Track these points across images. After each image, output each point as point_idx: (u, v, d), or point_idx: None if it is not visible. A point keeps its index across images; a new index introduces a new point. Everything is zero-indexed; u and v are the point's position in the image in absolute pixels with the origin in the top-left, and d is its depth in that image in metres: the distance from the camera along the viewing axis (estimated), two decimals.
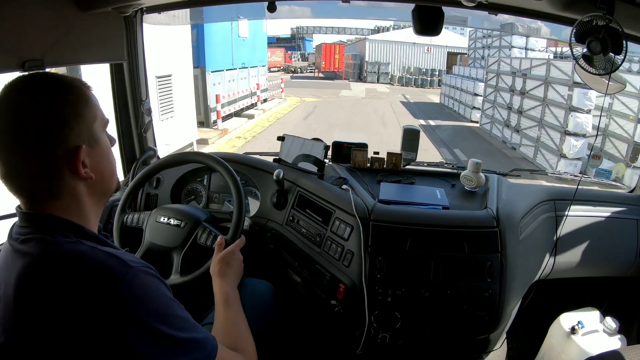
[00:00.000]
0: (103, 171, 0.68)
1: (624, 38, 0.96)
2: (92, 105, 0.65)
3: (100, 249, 0.60)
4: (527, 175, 1.68)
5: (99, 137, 0.67)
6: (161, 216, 1.14)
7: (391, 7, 1.47)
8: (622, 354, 0.93)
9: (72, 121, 0.62)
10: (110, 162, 0.70)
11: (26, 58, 0.97)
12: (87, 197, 0.66)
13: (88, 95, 0.66)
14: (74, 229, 0.62)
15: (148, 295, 0.59)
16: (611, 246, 1.42)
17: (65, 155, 0.61)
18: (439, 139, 9.05)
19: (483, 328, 1.15)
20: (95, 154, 0.66)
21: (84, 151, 0.63)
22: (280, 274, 1.32)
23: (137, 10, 1.41)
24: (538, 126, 7.87)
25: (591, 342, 1.36)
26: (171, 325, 0.59)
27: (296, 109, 12.88)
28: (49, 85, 0.62)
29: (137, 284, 0.58)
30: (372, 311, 1.12)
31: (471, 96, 11.91)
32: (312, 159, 1.38)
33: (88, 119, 0.64)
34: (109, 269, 0.58)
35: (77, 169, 0.62)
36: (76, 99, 0.63)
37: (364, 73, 26.54)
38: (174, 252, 1.10)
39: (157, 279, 0.62)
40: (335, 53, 28.31)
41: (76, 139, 0.62)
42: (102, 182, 0.68)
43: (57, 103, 0.61)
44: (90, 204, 0.67)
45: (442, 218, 1.17)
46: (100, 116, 0.67)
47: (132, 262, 0.60)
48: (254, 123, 10.17)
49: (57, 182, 0.62)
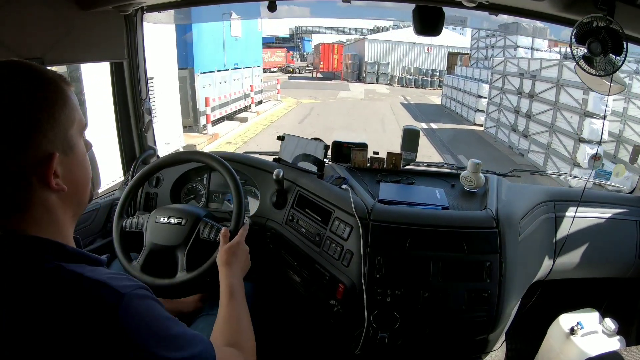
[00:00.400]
0: (77, 181, 0.60)
1: (624, 39, 0.96)
2: (70, 107, 0.58)
3: (86, 277, 0.53)
4: (527, 176, 1.68)
5: (75, 143, 0.59)
6: (160, 217, 1.14)
7: (391, 7, 1.47)
8: (622, 354, 0.93)
9: (45, 124, 0.54)
10: (85, 171, 0.62)
11: (26, 56, 0.97)
12: (61, 210, 0.58)
13: (67, 94, 0.58)
14: (52, 248, 0.55)
15: (144, 322, 0.54)
16: (610, 247, 1.42)
17: (35, 163, 0.53)
18: (442, 144, 8.61)
19: (482, 328, 1.15)
20: (70, 163, 0.58)
21: (57, 159, 0.55)
22: (280, 273, 1.32)
23: (138, 9, 1.41)
24: (549, 132, 7.31)
25: (590, 343, 1.36)
26: (170, 347, 0.56)
27: (292, 112, 12.45)
28: (23, 78, 0.54)
29: (132, 312, 0.53)
30: (371, 311, 1.12)
31: (475, 98, 11.42)
32: (311, 159, 1.38)
33: (65, 123, 0.56)
34: (100, 301, 0.52)
35: (48, 179, 0.54)
36: (53, 99, 0.56)
37: (363, 73, 26.00)
38: (178, 250, 1.10)
39: (150, 300, 0.58)
40: (333, 53, 27.69)
41: (49, 146, 0.54)
42: (76, 194, 0.60)
43: (30, 101, 0.53)
44: (65, 217, 0.59)
45: (442, 218, 1.17)
46: (78, 119, 0.59)
47: (123, 287, 0.54)
48: (247, 127, 9.71)
49: (24, 193, 0.54)
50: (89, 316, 0.50)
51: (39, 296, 0.51)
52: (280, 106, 13.30)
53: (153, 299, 0.58)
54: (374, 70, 25.22)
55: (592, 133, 6.24)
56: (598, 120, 6.17)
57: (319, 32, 38.06)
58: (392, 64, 25.84)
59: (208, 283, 1.10)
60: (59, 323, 0.50)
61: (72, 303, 0.51)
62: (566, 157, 6.75)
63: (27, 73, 0.55)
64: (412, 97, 18.54)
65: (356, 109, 13.43)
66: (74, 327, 0.50)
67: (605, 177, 1.63)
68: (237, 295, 0.90)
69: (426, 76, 24.18)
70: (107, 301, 0.52)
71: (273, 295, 1.37)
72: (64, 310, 0.50)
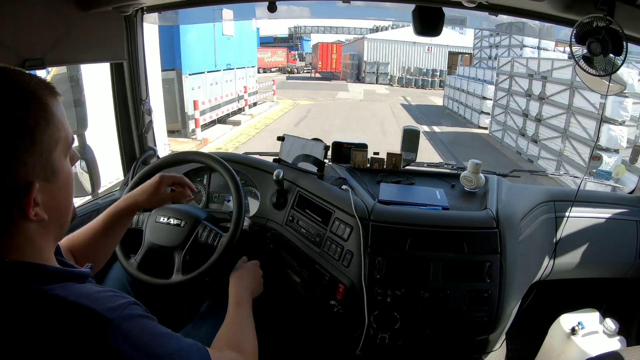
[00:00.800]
0: (59, 207, 0.55)
1: (624, 39, 0.96)
2: (54, 126, 0.51)
3: (70, 302, 0.49)
4: (527, 176, 1.67)
5: (58, 167, 0.52)
6: (161, 216, 1.14)
7: (391, 7, 1.47)
8: (622, 355, 0.93)
9: (25, 153, 0.48)
10: (68, 193, 0.56)
11: (26, 57, 0.97)
12: (40, 237, 0.53)
13: (52, 111, 0.51)
14: (33, 271, 0.50)
15: (134, 344, 0.50)
16: (611, 247, 1.42)
17: (11, 193, 0.48)
18: (445, 148, 8.29)
19: (482, 329, 1.15)
20: (52, 189, 0.52)
21: (36, 189, 0.49)
22: (280, 274, 1.32)
23: (138, 10, 1.41)
24: (561, 137, 6.80)
25: (591, 343, 1.36)
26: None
27: (288, 114, 12.12)
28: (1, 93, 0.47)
29: (121, 338, 0.49)
30: (372, 311, 1.12)
31: (479, 100, 10.85)
32: (312, 159, 1.38)
33: (47, 146, 0.50)
34: (86, 329, 0.48)
35: (26, 211, 0.49)
36: (35, 120, 0.49)
37: (363, 73, 25.48)
38: (175, 252, 1.10)
39: (140, 318, 0.54)
40: (332, 53, 27.15)
41: (28, 174, 0.49)
42: (59, 219, 0.56)
43: (8, 125, 0.47)
44: (46, 243, 0.55)
45: (442, 219, 1.17)
46: (64, 137, 0.53)
47: (110, 311, 0.50)
48: (239, 131, 9.23)
49: (1, 222, 0.49)
50: (76, 346, 0.47)
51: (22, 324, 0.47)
52: (276, 108, 13.04)
53: (143, 317, 0.55)
54: (374, 70, 24.78)
55: (610, 140, 5.69)
56: (616, 127, 5.64)
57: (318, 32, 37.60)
58: (392, 64, 25.37)
59: (208, 284, 1.10)
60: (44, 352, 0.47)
61: (56, 332, 0.47)
62: (580, 165, 6.23)
63: (6, 86, 0.48)
64: (412, 97, 18.23)
65: (355, 110, 13.22)
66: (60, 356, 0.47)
67: (605, 177, 1.62)
68: (244, 305, 0.93)
69: (427, 76, 23.73)
70: (93, 329, 0.48)
71: (273, 296, 1.37)
72: (48, 340, 0.47)
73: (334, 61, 27.40)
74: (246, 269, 1.04)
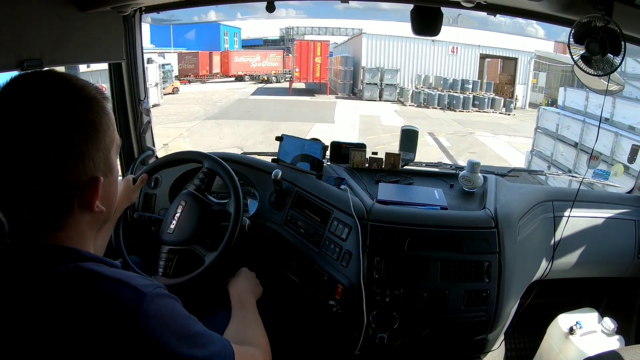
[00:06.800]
0: (111, 201, 0.60)
1: (623, 39, 0.97)
2: (112, 127, 0.56)
3: (106, 275, 0.53)
4: (526, 176, 1.68)
5: (113, 164, 0.58)
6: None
7: (389, 8, 1.48)
8: (621, 354, 0.93)
9: (91, 150, 0.53)
10: (117, 189, 0.62)
11: (25, 57, 0.97)
12: (87, 228, 0.58)
13: (107, 110, 0.56)
14: (68, 252, 0.54)
15: (165, 321, 0.53)
16: (609, 247, 1.42)
17: (79, 187, 0.53)
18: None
19: (481, 328, 1.15)
20: (108, 184, 0.57)
21: (101, 183, 0.55)
22: (279, 274, 1.32)
23: (136, 10, 1.41)
24: None
25: (589, 342, 1.36)
26: (192, 345, 0.56)
27: None
28: (70, 98, 0.52)
29: (153, 311, 0.52)
30: (371, 311, 1.12)
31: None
32: (310, 159, 1.38)
33: (108, 145, 0.55)
34: (122, 300, 0.51)
35: (92, 203, 0.54)
36: (100, 122, 0.54)
37: (360, 85, 17.96)
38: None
39: (170, 298, 0.57)
40: (315, 55, 18.78)
41: (93, 170, 0.54)
42: (108, 212, 0.60)
43: (79, 125, 0.51)
44: (91, 234, 0.59)
45: (441, 218, 1.17)
46: (117, 137, 0.58)
47: (144, 287, 0.53)
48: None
49: (63, 214, 0.54)
50: (111, 315, 0.50)
51: (57, 298, 0.50)
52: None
53: (173, 298, 0.58)
54: (375, 80, 17.47)
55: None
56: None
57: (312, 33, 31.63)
58: (402, 71, 17.81)
59: (201, 289, 1.10)
60: (78, 324, 0.49)
61: (93, 302, 0.50)
62: None
63: (71, 91, 0.52)
64: (446, 132, 10.49)
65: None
66: (94, 327, 0.49)
67: (604, 176, 1.63)
68: (248, 305, 0.95)
69: (454, 90, 16.11)
70: (128, 300, 0.51)
71: (272, 296, 1.37)
72: (84, 310, 0.50)
73: (317, 67, 19.06)
74: (239, 275, 1.06)
